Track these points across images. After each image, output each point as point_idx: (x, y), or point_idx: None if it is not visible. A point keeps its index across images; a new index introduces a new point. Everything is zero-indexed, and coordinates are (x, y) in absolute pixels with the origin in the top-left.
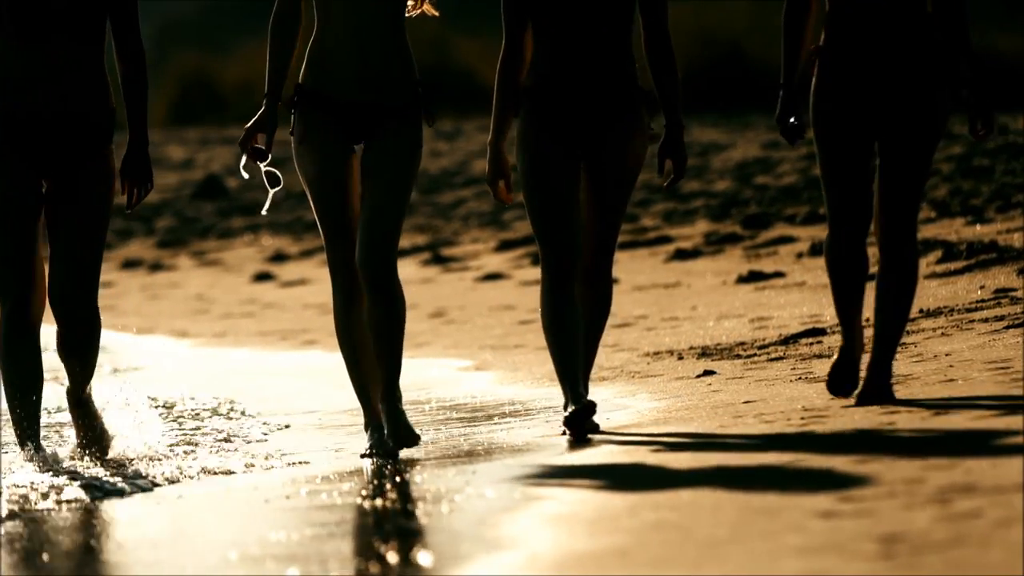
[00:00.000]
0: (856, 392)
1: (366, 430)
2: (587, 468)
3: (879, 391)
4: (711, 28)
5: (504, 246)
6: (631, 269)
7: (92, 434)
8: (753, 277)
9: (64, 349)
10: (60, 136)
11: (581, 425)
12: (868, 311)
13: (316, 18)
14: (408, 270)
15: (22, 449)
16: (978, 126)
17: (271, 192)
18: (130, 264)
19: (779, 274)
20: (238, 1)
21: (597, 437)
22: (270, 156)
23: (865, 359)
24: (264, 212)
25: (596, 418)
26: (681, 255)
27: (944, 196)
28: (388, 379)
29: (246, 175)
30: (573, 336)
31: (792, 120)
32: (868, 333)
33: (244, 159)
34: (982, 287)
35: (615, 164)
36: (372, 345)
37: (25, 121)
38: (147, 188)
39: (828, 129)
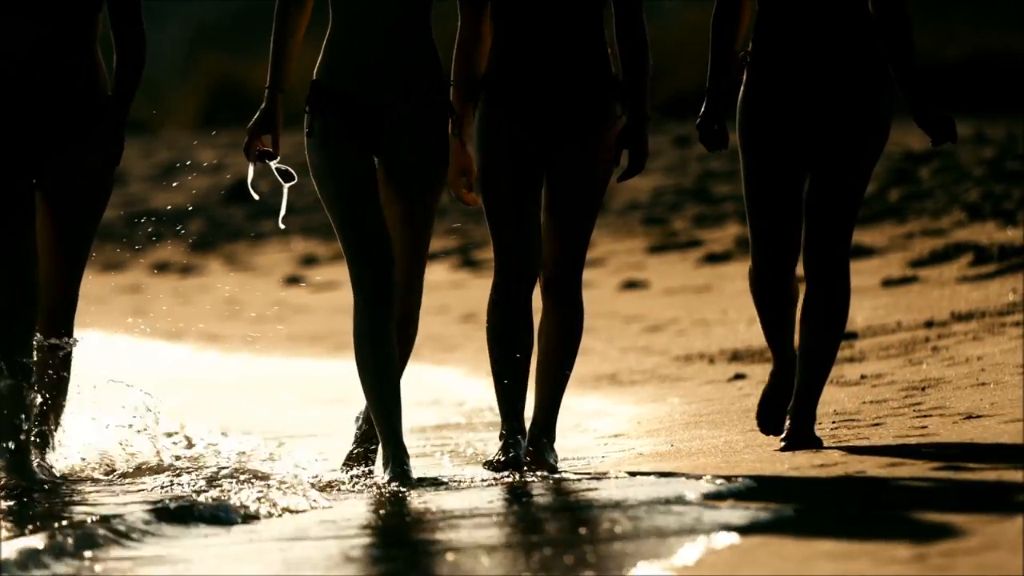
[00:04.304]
0: (782, 436)
1: (386, 465)
2: (616, 472)
3: (803, 436)
4: None
5: None
6: (661, 272)
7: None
8: None
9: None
10: (39, 121)
11: (505, 470)
12: None
13: (332, 16)
14: (438, 274)
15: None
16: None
17: (285, 188)
18: (160, 267)
19: None
20: (269, 4)
21: (626, 441)
22: (279, 156)
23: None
24: (281, 224)
25: (613, 427)
26: (712, 258)
27: (976, 199)
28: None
29: (255, 196)
30: (523, 360)
31: (715, 127)
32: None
33: (251, 173)
34: (1014, 290)
35: (584, 163)
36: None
37: (14, 105)
38: (114, 164)
39: (756, 141)
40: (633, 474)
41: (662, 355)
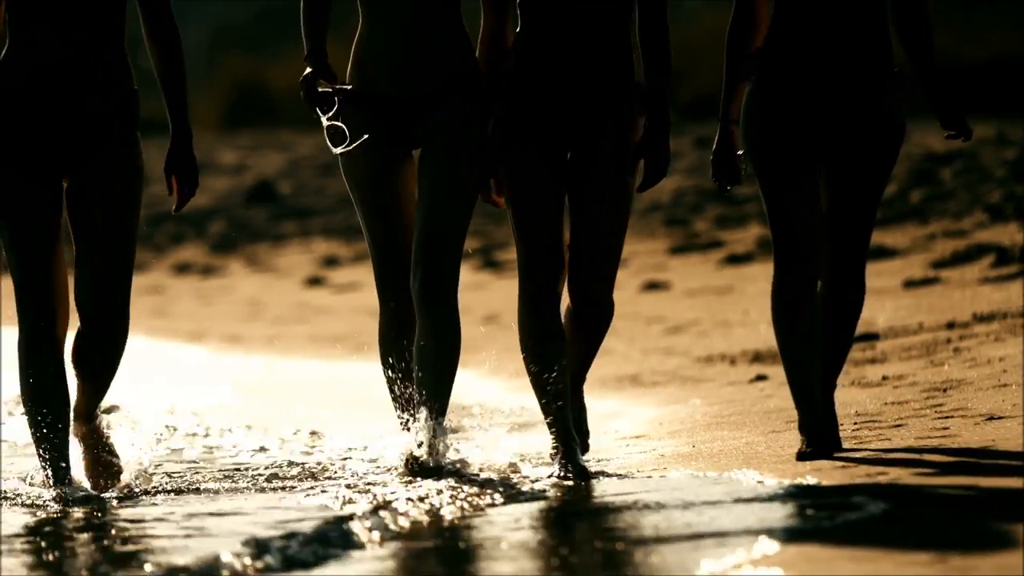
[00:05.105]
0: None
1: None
2: (639, 474)
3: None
4: None
5: None
6: (683, 274)
7: (98, 457)
8: None
9: (81, 354)
10: (61, 131)
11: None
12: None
13: (360, 13)
14: (460, 275)
15: (54, 484)
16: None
17: (336, 152)
18: (182, 268)
19: None
20: (290, 4)
21: (647, 443)
22: (336, 105)
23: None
24: (336, 151)
25: (635, 428)
26: (733, 259)
27: (998, 200)
28: (431, 414)
29: (327, 123)
30: (561, 370)
31: (728, 160)
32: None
33: (320, 115)
34: None
35: (607, 172)
36: (416, 374)
37: (21, 119)
38: (193, 186)
39: (767, 146)
40: (652, 476)
41: (684, 356)
